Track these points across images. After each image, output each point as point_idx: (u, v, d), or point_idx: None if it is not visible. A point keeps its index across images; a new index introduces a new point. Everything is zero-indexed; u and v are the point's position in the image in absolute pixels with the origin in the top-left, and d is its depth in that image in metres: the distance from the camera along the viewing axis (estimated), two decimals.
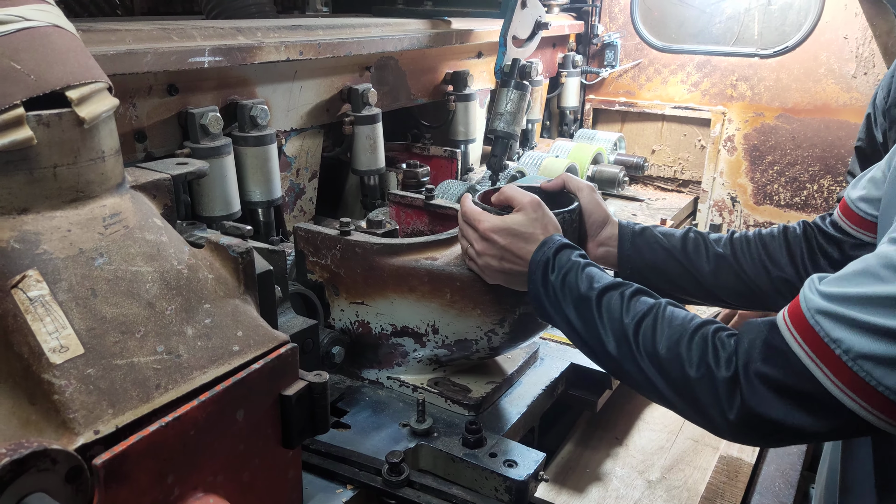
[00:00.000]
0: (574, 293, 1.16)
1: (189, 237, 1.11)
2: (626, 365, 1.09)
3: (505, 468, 1.25)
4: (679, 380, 1.02)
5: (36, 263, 0.87)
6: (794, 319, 0.94)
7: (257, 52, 1.76)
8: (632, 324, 1.08)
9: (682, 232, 1.47)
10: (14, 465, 0.69)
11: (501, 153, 2.45)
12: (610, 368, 1.15)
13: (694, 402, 1.01)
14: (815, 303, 0.92)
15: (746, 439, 1.04)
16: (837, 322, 0.88)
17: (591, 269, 1.18)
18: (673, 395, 1.04)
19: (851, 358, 0.86)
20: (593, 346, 1.14)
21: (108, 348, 0.86)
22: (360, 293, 1.48)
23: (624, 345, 1.08)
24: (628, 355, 1.08)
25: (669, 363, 1.03)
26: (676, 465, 1.73)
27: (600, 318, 1.11)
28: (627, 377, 1.11)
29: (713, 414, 0.99)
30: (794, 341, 0.92)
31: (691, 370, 1.00)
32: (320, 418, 1.04)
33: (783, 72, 2.99)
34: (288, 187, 2.09)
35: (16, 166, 0.89)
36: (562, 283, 1.18)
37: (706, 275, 1.42)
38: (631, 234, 1.48)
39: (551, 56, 3.34)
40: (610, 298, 1.12)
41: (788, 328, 0.93)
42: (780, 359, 0.93)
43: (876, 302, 0.86)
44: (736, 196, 3.22)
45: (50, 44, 0.94)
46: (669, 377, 1.04)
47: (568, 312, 1.16)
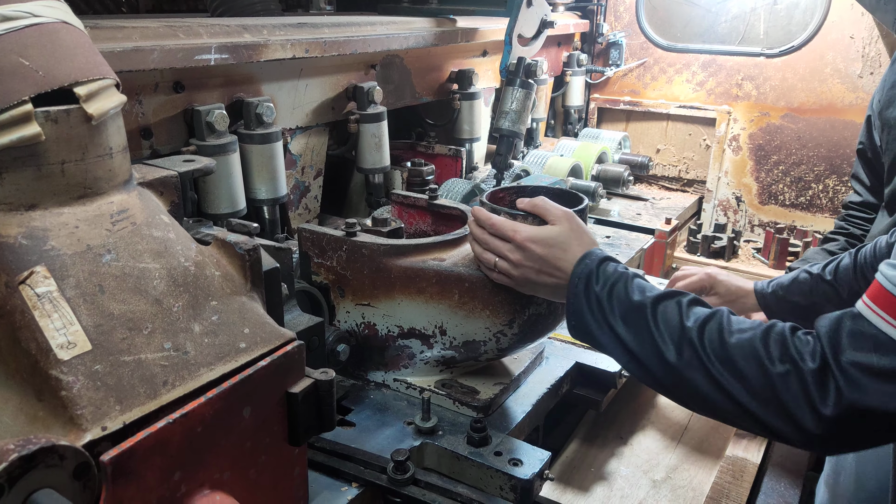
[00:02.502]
0: (623, 303, 1.10)
1: (196, 234, 1.11)
2: (690, 372, 1.01)
3: (510, 467, 1.25)
4: (758, 379, 0.96)
5: (44, 259, 0.87)
6: (879, 302, 0.90)
7: (263, 50, 1.76)
8: (695, 328, 1.02)
9: (809, 290, 1.56)
10: (22, 461, 0.69)
11: (506, 152, 2.45)
12: (669, 380, 1.06)
13: (777, 403, 0.95)
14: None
15: (838, 440, 0.95)
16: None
17: (640, 280, 1.13)
18: (750, 399, 0.97)
19: None
20: (646, 357, 1.07)
21: (116, 345, 0.86)
22: (366, 295, 1.48)
23: (687, 350, 1.02)
24: (693, 361, 1.01)
25: (745, 362, 0.97)
26: (681, 465, 1.72)
27: (656, 326, 1.05)
28: (690, 387, 1.03)
29: (801, 414, 0.92)
30: (885, 322, 0.88)
31: (773, 366, 0.95)
32: (326, 416, 1.04)
33: (789, 71, 2.98)
34: (293, 185, 2.08)
35: (24, 162, 0.89)
36: (608, 295, 1.12)
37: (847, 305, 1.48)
38: (774, 303, 1.61)
39: (556, 55, 3.33)
40: (666, 307, 1.07)
41: (874, 311, 0.90)
42: (872, 342, 0.89)
43: None
44: (741, 196, 3.21)
45: (58, 40, 0.94)
46: (746, 378, 0.97)
47: (615, 324, 1.10)
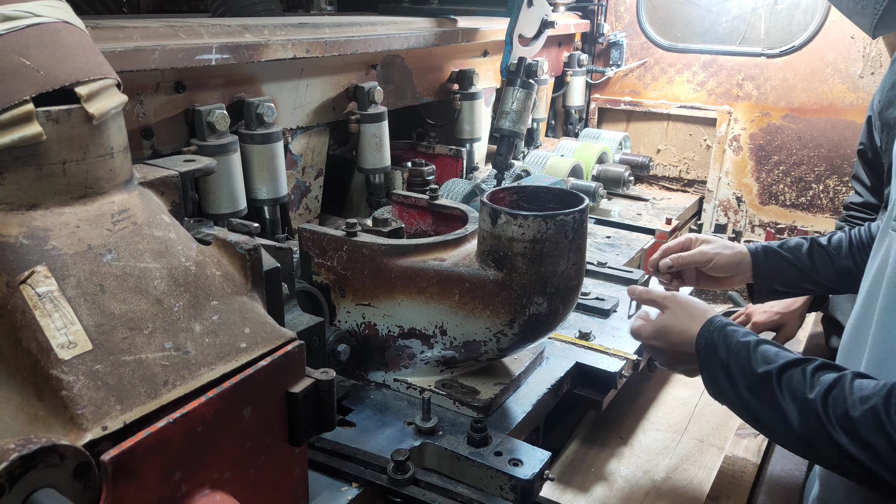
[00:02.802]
0: (749, 374, 1.14)
1: (196, 234, 1.11)
2: (818, 442, 1.04)
3: (510, 467, 1.25)
4: (886, 450, 0.97)
5: (45, 259, 0.88)
6: None
7: (264, 50, 1.76)
8: (819, 399, 1.04)
9: (806, 247, 1.61)
10: (23, 460, 0.69)
11: (507, 152, 2.45)
12: (798, 448, 1.11)
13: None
14: None
15: None
16: None
17: (764, 347, 1.16)
18: (881, 468, 0.99)
19: None
20: (776, 426, 1.10)
21: (117, 344, 0.86)
22: (367, 295, 1.48)
23: (813, 421, 1.04)
24: (820, 432, 1.03)
25: (871, 434, 0.98)
26: (681, 465, 1.72)
27: (782, 396, 1.08)
28: (820, 455, 1.06)
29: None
30: None
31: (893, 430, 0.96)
32: (327, 416, 1.04)
33: (789, 71, 2.98)
34: (294, 185, 2.09)
35: (25, 162, 0.89)
36: (735, 364, 1.16)
37: (834, 282, 1.59)
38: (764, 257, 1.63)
39: (557, 55, 3.33)
40: (791, 376, 1.09)
41: None
42: None
43: None
44: (741, 196, 3.21)
45: (59, 40, 0.94)
46: (874, 448, 0.98)
47: (743, 394, 1.14)
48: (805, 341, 2.23)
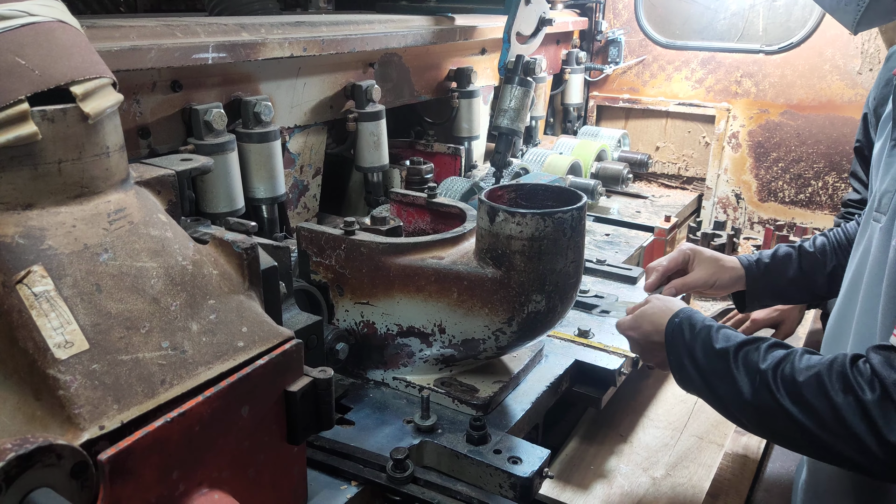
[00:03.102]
0: (709, 352, 1.21)
1: (193, 233, 1.11)
2: (768, 411, 1.11)
3: (509, 465, 1.25)
4: (826, 412, 1.03)
5: (41, 259, 0.87)
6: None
7: (261, 49, 1.76)
8: (769, 369, 1.11)
9: (795, 256, 1.65)
10: (20, 460, 0.69)
11: (505, 150, 2.45)
12: (751, 419, 1.17)
13: (846, 433, 1.01)
14: None
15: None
16: None
17: (725, 330, 1.24)
18: (822, 430, 1.04)
19: None
20: (731, 399, 1.17)
21: (113, 344, 0.86)
22: (365, 293, 1.47)
23: (763, 391, 1.11)
24: (768, 399, 1.10)
25: (814, 397, 1.05)
26: (681, 462, 1.72)
27: (737, 370, 1.15)
28: (770, 423, 1.13)
29: (868, 442, 0.99)
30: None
31: (837, 397, 1.02)
32: (325, 414, 1.04)
33: (788, 68, 2.98)
34: (292, 184, 2.08)
35: (20, 162, 0.89)
36: (697, 345, 1.24)
37: (824, 288, 1.64)
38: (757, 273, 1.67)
39: (555, 53, 3.33)
40: (747, 352, 1.16)
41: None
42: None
43: None
44: (740, 193, 3.21)
45: (54, 39, 0.94)
46: (816, 412, 1.04)
47: (704, 371, 1.22)
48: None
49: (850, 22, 1.30)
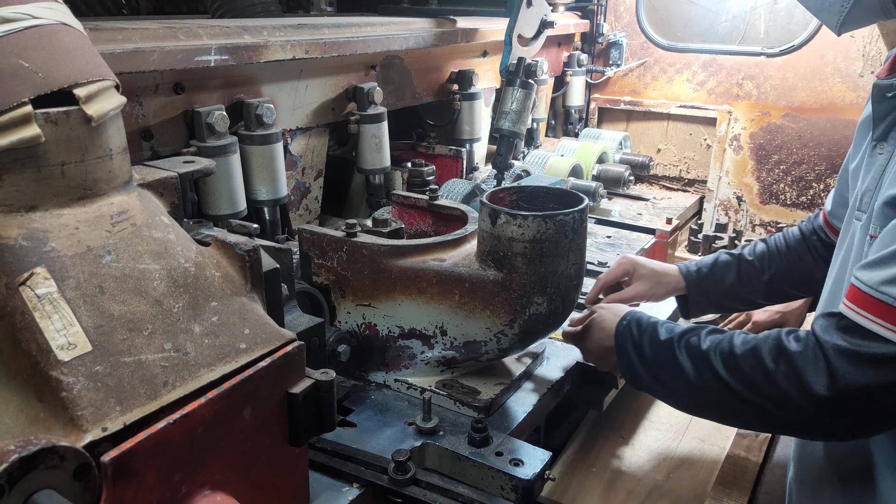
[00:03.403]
0: (655, 344, 1.29)
1: (196, 235, 1.11)
2: (710, 388, 1.17)
3: (511, 467, 1.25)
4: (759, 377, 1.10)
5: (44, 261, 0.88)
6: (857, 302, 1.02)
7: (263, 51, 1.76)
8: (710, 349, 1.18)
9: (734, 265, 1.70)
10: (22, 461, 0.69)
11: (507, 152, 2.45)
12: (696, 400, 1.24)
13: (778, 394, 1.07)
14: (872, 278, 1.01)
15: (839, 422, 1.06)
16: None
17: (669, 323, 1.32)
18: (760, 398, 1.10)
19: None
20: (676, 384, 1.23)
21: (116, 346, 0.86)
22: (367, 295, 1.48)
23: (706, 369, 1.18)
24: (710, 377, 1.17)
25: (750, 368, 1.11)
26: (683, 465, 1.72)
27: (681, 354, 1.22)
28: (714, 402, 1.19)
29: (799, 399, 1.05)
30: (865, 318, 1.00)
31: (770, 362, 1.08)
32: (327, 416, 1.04)
33: (789, 70, 2.98)
34: (293, 186, 2.09)
35: (24, 164, 0.89)
36: (645, 342, 1.31)
37: (762, 295, 1.71)
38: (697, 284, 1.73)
39: (556, 55, 3.33)
40: (689, 339, 1.23)
41: (855, 311, 1.02)
42: (856, 335, 1.01)
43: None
44: (742, 195, 3.21)
45: (58, 42, 0.94)
46: (753, 381, 1.10)
47: (650, 364, 1.29)
48: None
49: (834, 23, 1.31)
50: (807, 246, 1.66)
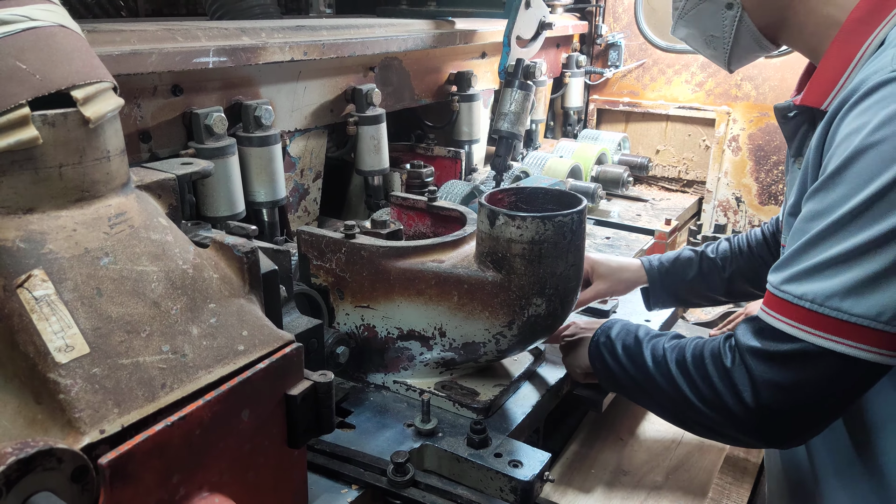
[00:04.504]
0: (628, 347, 1.33)
1: (194, 237, 1.11)
2: (659, 380, 1.22)
3: (510, 468, 1.25)
4: (701, 381, 1.14)
5: (41, 263, 0.87)
6: (767, 304, 1.06)
7: (262, 53, 1.76)
8: (669, 346, 1.24)
9: (696, 261, 1.77)
10: (20, 464, 0.69)
11: (505, 153, 2.45)
12: (662, 409, 1.28)
13: (717, 402, 1.11)
14: (776, 279, 1.05)
15: (771, 427, 1.08)
16: (797, 280, 1.02)
17: (644, 327, 1.36)
18: (701, 402, 1.14)
19: (819, 304, 0.99)
20: (646, 390, 1.27)
21: (114, 347, 0.86)
22: (365, 297, 1.48)
23: (662, 364, 1.23)
24: (665, 371, 1.21)
25: (694, 367, 1.16)
26: (682, 466, 1.72)
27: (646, 350, 1.28)
28: (660, 392, 1.23)
29: (734, 408, 1.08)
30: (773, 318, 1.04)
31: (709, 367, 1.13)
32: (325, 418, 1.03)
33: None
34: (292, 188, 2.08)
35: (21, 166, 0.89)
36: (619, 345, 1.34)
37: (721, 291, 1.77)
38: (658, 277, 1.80)
39: (555, 56, 3.33)
40: (655, 343, 1.28)
41: (766, 312, 1.06)
42: (768, 336, 1.05)
43: (815, 243, 1.00)
44: (740, 196, 3.21)
45: (55, 43, 0.94)
46: (694, 383, 1.15)
47: (623, 363, 1.33)
48: None
49: (723, 64, 1.44)
50: (768, 247, 1.71)
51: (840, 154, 1.01)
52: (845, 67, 1.12)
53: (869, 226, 0.96)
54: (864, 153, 0.97)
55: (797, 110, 1.25)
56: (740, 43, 1.36)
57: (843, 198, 0.99)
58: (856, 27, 1.13)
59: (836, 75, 1.13)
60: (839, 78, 1.13)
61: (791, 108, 1.27)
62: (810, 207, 1.05)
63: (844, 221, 0.98)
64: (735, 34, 1.35)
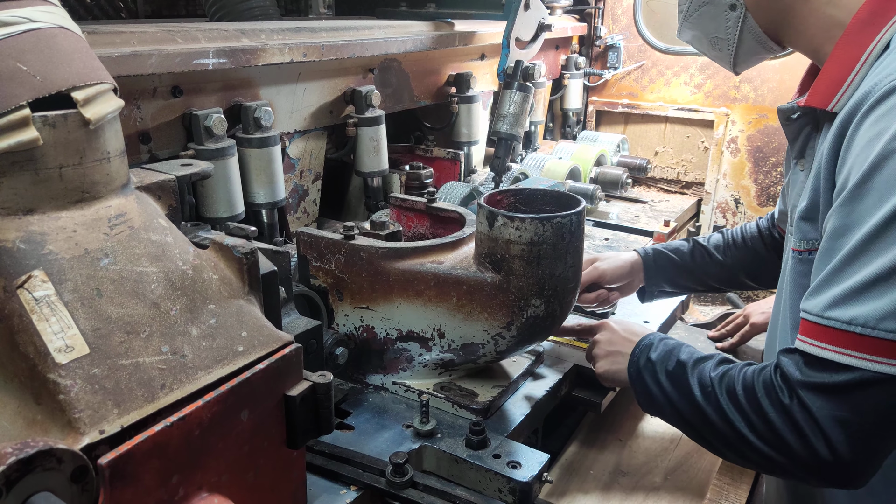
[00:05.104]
0: (670, 371, 1.27)
1: (193, 238, 1.12)
2: (710, 412, 1.16)
3: (509, 469, 1.25)
4: (757, 419, 1.09)
5: (42, 264, 0.88)
6: (811, 334, 1.01)
7: (261, 54, 1.77)
8: (717, 377, 1.18)
9: (688, 248, 1.82)
10: (20, 464, 0.69)
11: (504, 155, 2.45)
12: (704, 430, 1.21)
13: (777, 441, 1.06)
14: (816, 305, 1.00)
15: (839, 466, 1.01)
16: (842, 304, 0.96)
17: (688, 347, 1.31)
18: (758, 439, 1.09)
19: (871, 327, 0.93)
20: (691, 418, 1.22)
21: (114, 348, 0.87)
22: (364, 298, 1.48)
23: (711, 398, 1.17)
24: (716, 407, 1.15)
25: (748, 403, 1.10)
26: (680, 467, 1.72)
27: (692, 383, 1.21)
28: (711, 426, 1.17)
29: (796, 448, 1.03)
30: (821, 348, 0.99)
31: (765, 405, 1.07)
32: (324, 419, 1.04)
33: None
34: (291, 189, 2.09)
35: (21, 167, 0.89)
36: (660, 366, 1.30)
37: (714, 279, 1.81)
38: (653, 259, 1.83)
39: (554, 58, 3.34)
40: (702, 368, 1.22)
41: (810, 343, 1.00)
42: (818, 367, 1.00)
43: (851, 261, 0.96)
44: (739, 198, 3.21)
45: (55, 45, 0.94)
46: (749, 420, 1.10)
47: (665, 387, 1.27)
48: None
49: (728, 66, 1.44)
50: (763, 242, 1.74)
51: (861, 163, 0.98)
52: (851, 68, 1.11)
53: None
54: (888, 160, 0.95)
55: (801, 112, 1.24)
56: (745, 44, 1.36)
57: (872, 209, 0.95)
58: (860, 28, 1.12)
59: (841, 76, 1.12)
60: (845, 79, 1.11)
61: (795, 109, 1.26)
62: (837, 223, 1.01)
63: (878, 234, 0.94)
64: (739, 35, 1.35)
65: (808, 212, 1.16)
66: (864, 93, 1.04)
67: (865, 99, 1.02)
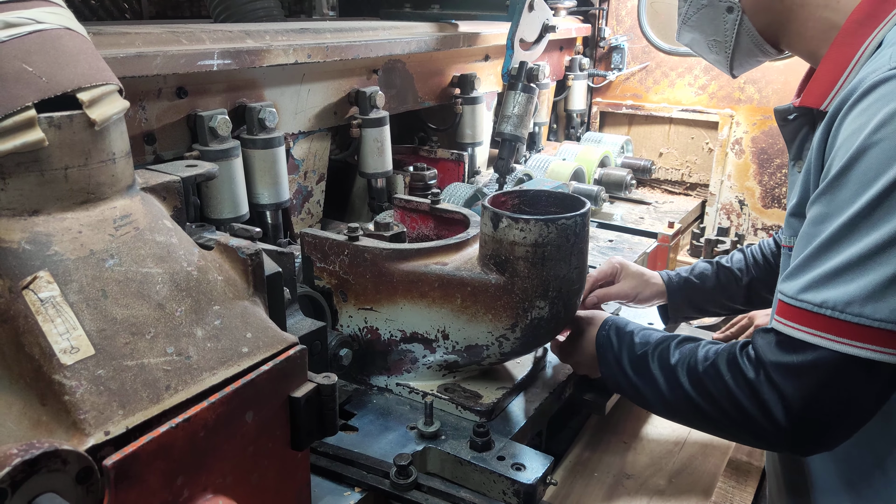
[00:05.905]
0: (632, 356, 1.31)
1: (198, 239, 1.12)
2: (681, 403, 1.20)
3: (513, 471, 1.25)
4: (722, 396, 1.12)
5: (47, 265, 0.88)
6: (785, 315, 1.05)
7: (266, 55, 1.77)
8: (678, 362, 1.22)
9: (712, 271, 1.77)
10: (25, 465, 0.69)
11: (508, 156, 2.45)
12: (669, 412, 1.27)
13: (741, 416, 1.10)
14: (792, 288, 1.04)
15: (804, 437, 1.07)
16: (815, 288, 1.00)
17: (646, 331, 1.34)
18: (722, 416, 1.13)
19: (840, 310, 0.97)
20: (653, 399, 1.26)
21: (119, 349, 0.87)
22: (369, 299, 1.48)
23: (675, 383, 1.21)
24: (680, 393, 1.20)
25: (711, 383, 1.14)
26: (685, 470, 1.72)
27: (654, 367, 1.26)
28: (684, 413, 1.22)
29: (762, 422, 1.07)
30: (793, 328, 1.03)
31: (730, 381, 1.11)
32: (329, 420, 1.03)
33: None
34: (296, 190, 2.09)
35: (27, 168, 0.89)
36: (624, 350, 1.34)
37: (741, 300, 1.76)
38: (678, 288, 1.79)
39: (558, 59, 3.34)
40: (661, 350, 1.26)
41: (784, 322, 1.04)
42: (789, 347, 1.04)
43: (826, 248, 1.00)
44: (744, 199, 3.21)
45: (61, 46, 0.94)
46: (714, 398, 1.14)
47: (629, 375, 1.31)
48: None
49: (725, 69, 1.46)
50: (781, 255, 1.71)
51: (843, 155, 1.01)
52: (844, 68, 1.12)
53: (879, 226, 0.95)
54: (868, 152, 0.97)
55: (797, 112, 1.25)
56: (741, 47, 1.37)
57: (850, 198, 0.98)
58: (855, 29, 1.13)
59: (835, 76, 1.13)
60: (838, 79, 1.13)
61: (791, 110, 1.27)
62: (817, 211, 1.04)
63: (854, 223, 0.97)
64: (736, 38, 1.35)
65: (798, 207, 1.18)
66: (851, 88, 1.05)
67: (851, 93, 1.04)
